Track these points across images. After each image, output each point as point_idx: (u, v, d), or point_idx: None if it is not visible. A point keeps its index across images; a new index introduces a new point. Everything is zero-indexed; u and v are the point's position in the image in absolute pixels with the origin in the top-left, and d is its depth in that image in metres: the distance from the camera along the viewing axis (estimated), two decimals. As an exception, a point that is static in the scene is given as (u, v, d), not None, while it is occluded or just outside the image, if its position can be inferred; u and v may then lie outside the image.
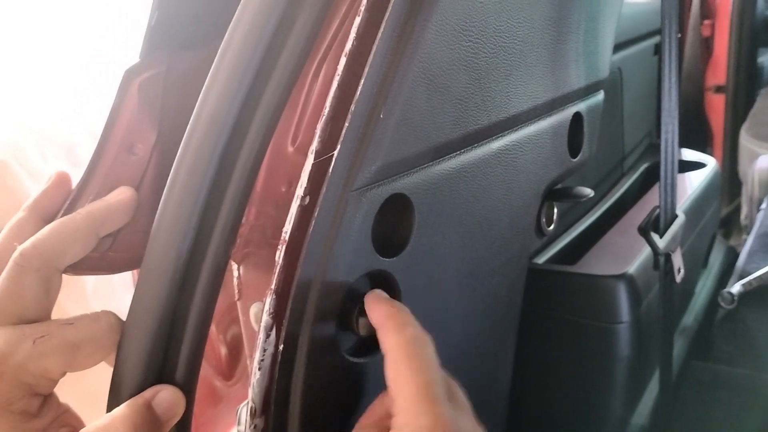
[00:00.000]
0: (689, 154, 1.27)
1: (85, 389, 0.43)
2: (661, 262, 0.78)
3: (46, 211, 0.43)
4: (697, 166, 1.23)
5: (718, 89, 2.03)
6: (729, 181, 1.94)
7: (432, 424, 0.34)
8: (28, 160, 1.67)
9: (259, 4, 0.39)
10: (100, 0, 1.93)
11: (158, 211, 0.39)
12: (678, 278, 0.80)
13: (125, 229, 0.43)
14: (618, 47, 0.77)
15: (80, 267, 0.41)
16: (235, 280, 0.50)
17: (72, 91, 1.78)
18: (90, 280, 1.64)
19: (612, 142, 1.17)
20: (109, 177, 0.43)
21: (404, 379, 0.36)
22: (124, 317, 0.41)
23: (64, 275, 0.41)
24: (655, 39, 1.32)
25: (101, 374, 0.44)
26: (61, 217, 0.42)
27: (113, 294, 1.64)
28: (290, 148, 0.47)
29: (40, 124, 1.73)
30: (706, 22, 1.99)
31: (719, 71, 2.02)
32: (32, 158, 1.68)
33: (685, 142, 1.02)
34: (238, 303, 0.50)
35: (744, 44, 1.97)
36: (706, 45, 2.02)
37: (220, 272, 0.40)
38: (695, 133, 2.05)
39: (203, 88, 0.39)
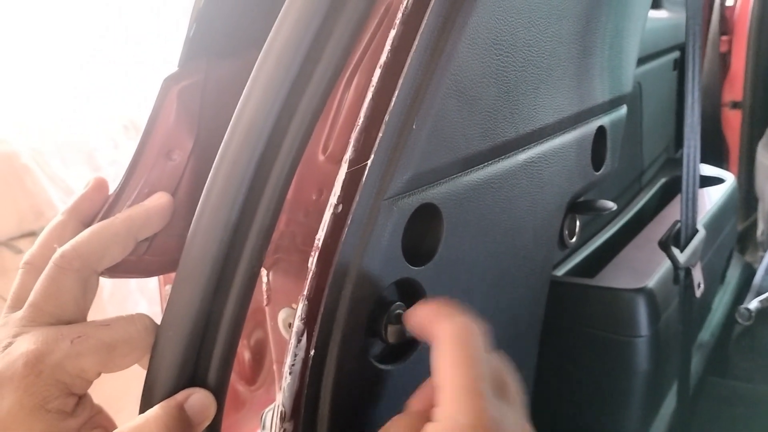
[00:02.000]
0: (707, 170, 1.27)
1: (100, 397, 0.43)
2: (681, 276, 0.78)
3: (84, 215, 0.44)
4: (716, 181, 1.23)
5: (735, 105, 2.03)
6: (745, 197, 1.93)
7: (473, 423, 0.33)
8: (48, 164, 1.69)
9: (297, 16, 0.40)
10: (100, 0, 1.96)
11: (195, 217, 0.40)
12: (698, 293, 0.80)
13: (161, 233, 0.44)
14: (638, 62, 0.78)
15: (117, 270, 0.42)
16: (264, 286, 0.50)
17: (72, 91, 1.80)
18: (107, 285, 1.66)
19: (631, 156, 1.18)
20: (147, 182, 0.44)
21: (451, 370, 0.35)
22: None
23: None
24: (675, 54, 1.33)
25: (114, 382, 0.45)
26: (100, 220, 0.43)
27: (129, 298, 1.65)
28: (321, 157, 0.47)
29: (60, 129, 1.75)
30: (724, 38, 1.99)
31: (736, 87, 2.02)
32: (53, 163, 1.70)
33: (702, 157, 1.03)
34: (267, 308, 0.51)
35: (761, 60, 1.96)
36: (723, 61, 2.02)
37: (253, 278, 0.41)
38: (711, 149, 2.04)
39: (242, 96, 0.40)
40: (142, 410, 0.40)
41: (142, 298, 1.75)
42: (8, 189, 1.65)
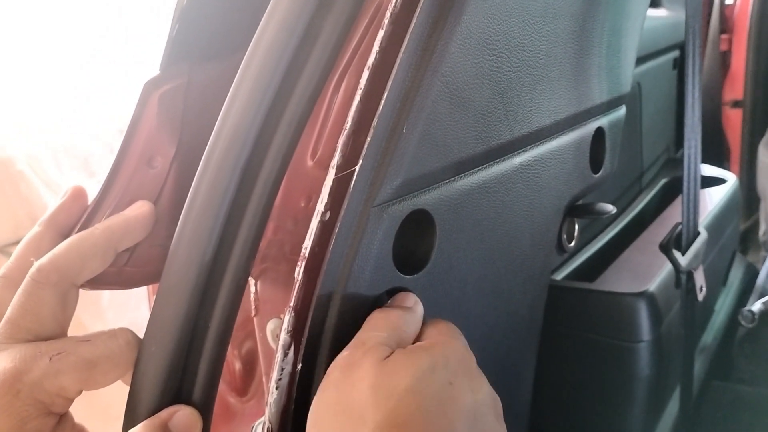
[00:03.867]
0: (709, 170, 1.26)
1: (96, 405, 0.42)
2: (683, 280, 0.77)
3: (62, 226, 0.42)
4: (717, 181, 1.22)
5: (736, 104, 2.01)
6: (747, 197, 1.91)
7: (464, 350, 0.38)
8: (44, 170, 1.68)
9: (283, 18, 0.38)
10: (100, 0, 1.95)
11: (178, 227, 0.39)
12: (700, 297, 0.79)
13: (142, 243, 0.42)
14: (637, 61, 0.76)
15: (97, 282, 0.41)
16: (252, 296, 0.49)
17: (69, 94, 1.79)
18: (105, 292, 1.64)
19: (631, 157, 1.16)
20: (128, 190, 0.42)
21: (441, 322, 0.40)
22: (138, 329, 0.41)
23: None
24: (674, 53, 1.31)
25: (112, 390, 0.43)
26: (78, 231, 0.41)
27: (128, 305, 1.63)
28: (309, 163, 0.46)
29: (56, 134, 1.74)
30: (723, 36, 1.97)
31: (737, 86, 2.00)
32: (48, 169, 1.69)
33: (703, 157, 1.01)
34: (255, 319, 0.49)
35: (762, 59, 1.94)
36: (723, 60, 2.00)
37: (240, 289, 0.39)
38: (712, 148, 2.03)
39: (226, 101, 0.39)
40: (125, 429, 0.39)
41: (143, 304, 1.74)
42: (4, 196, 1.64)
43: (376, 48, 0.39)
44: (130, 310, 1.69)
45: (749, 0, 1.90)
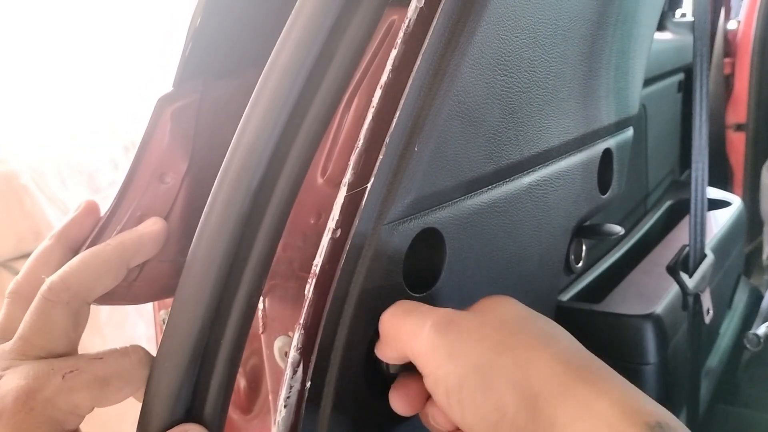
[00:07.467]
0: (713, 193, 1.26)
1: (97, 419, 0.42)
2: (690, 302, 0.76)
3: (73, 240, 0.42)
4: (722, 204, 1.22)
5: (739, 127, 2.02)
6: (750, 220, 1.91)
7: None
8: (47, 185, 1.68)
9: (300, 37, 0.39)
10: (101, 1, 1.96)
11: (193, 243, 0.39)
12: (707, 319, 0.78)
13: (152, 258, 0.42)
14: (643, 84, 0.76)
15: (107, 298, 0.41)
16: (260, 313, 0.49)
17: (77, 107, 1.80)
18: (104, 308, 1.64)
19: (636, 178, 1.16)
20: (139, 205, 0.42)
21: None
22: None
23: None
24: (679, 76, 1.32)
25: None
26: (89, 245, 0.41)
27: (127, 321, 1.63)
28: (319, 180, 0.46)
29: (60, 149, 1.75)
30: (727, 60, 1.98)
31: (740, 109, 2.01)
32: (52, 184, 1.69)
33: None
34: (262, 336, 0.49)
35: (765, 82, 1.95)
36: (726, 83, 2.01)
37: (252, 307, 0.39)
38: (716, 171, 2.03)
39: (241, 119, 0.39)
40: None
41: (140, 320, 1.73)
42: (7, 210, 1.64)
43: (389, 67, 0.39)
44: (127, 327, 1.68)
45: (752, 24, 1.92)
